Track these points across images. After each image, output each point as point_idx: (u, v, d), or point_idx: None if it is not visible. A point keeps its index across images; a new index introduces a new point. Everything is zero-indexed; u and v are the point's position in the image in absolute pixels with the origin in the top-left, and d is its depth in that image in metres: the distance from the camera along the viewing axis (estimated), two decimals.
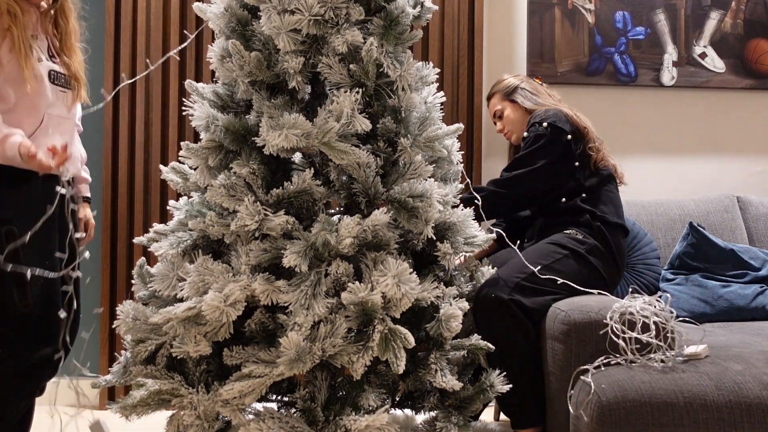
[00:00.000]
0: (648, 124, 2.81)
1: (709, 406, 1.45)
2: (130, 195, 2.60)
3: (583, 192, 2.06)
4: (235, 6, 1.69)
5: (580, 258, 1.94)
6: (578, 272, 1.90)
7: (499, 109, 2.32)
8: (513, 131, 2.29)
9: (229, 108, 1.72)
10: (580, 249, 1.95)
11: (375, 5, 1.67)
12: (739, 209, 2.58)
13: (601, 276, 1.96)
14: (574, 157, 2.06)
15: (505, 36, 2.76)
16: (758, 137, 2.86)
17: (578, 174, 2.07)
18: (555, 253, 1.93)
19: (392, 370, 1.47)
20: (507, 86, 2.30)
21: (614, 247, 2.01)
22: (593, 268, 1.95)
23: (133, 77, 2.60)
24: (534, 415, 1.82)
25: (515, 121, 2.27)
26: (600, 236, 2.00)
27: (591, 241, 1.98)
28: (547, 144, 2.04)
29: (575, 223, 2.02)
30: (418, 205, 1.57)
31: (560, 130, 2.04)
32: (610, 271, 2.00)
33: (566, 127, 2.05)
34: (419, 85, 1.76)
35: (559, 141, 2.04)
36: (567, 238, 1.98)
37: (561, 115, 2.09)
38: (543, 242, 2.00)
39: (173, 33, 2.60)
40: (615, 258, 2.01)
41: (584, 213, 2.02)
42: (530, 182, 2.03)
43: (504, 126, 2.31)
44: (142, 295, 1.74)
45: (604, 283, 1.95)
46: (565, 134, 2.04)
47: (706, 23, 2.80)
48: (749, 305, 2.26)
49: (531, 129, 2.09)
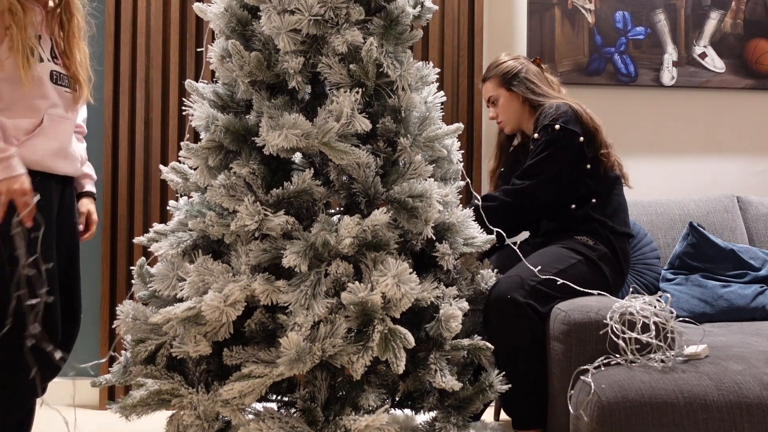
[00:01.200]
0: (648, 124, 2.81)
1: (709, 406, 1.45)
2: (130, 195, 2.60)
3: (593, 197, 2.00)
4: (235, 6, 1.69)
5: (591, 264, 1.93)
6: (588, 278, 1.89)
7: (494, 95, 2.19)
8: (507, 122, 2.18)
9: (229, 108, 1.72)
10: (592, 255, 1.93)
11: (375, 5, 1.67)
12: (739, 209, 2.58)
13: (608, 283, 1.96)
14: (586, 160, 1.99)
15: (505, 36, 2.76)
16: (758, 137, 2.86)
17: (589, 179, 2.00)
18: (569, 258, 1.91)
19: (392, 370, 1.47)
20: (505, 71, 2.15)
21: (621, 254, 2.00)
22: (603, 275, 1.95)
23: (133, 77, 2.60)
24: (536, 416, 1.82)
25: (511, 111, 2.16)
26: (608, 243, 1.99)
27: (602, 249, 1.96)
28: (560, 149, 1.96)
29: (585, 230, 1.99)
30: (417, 205, 1.57)
31: (573, 132, 1.96)
32: (616, 277, 2.00)
33: (578, 129, 1.97)
34: (419, 85, 1.76)
35: (571, 145, 1.96)
36: (579, 244, 1.96)
37: (571, 113, 1.99)
38: (556, 246, 1.97)
39: (173, 33, 2.60)
40: (621, 266, 2.01)
41: (593, 222, 1.99)
42: (543, 192, 1.97)
43: (498, 114, 2.19)
44: (142, 295, 1.74)
45: (609, 290, 1.94)
46: (577, 137, 1.96)
47: (706, 23, 2.80)
48: (749, 305, 2.26)
49: (542, 132, 1.99)
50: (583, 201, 2.01)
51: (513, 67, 2.16)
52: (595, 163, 2.01)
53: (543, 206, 2.02)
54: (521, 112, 2.16)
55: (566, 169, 1.98)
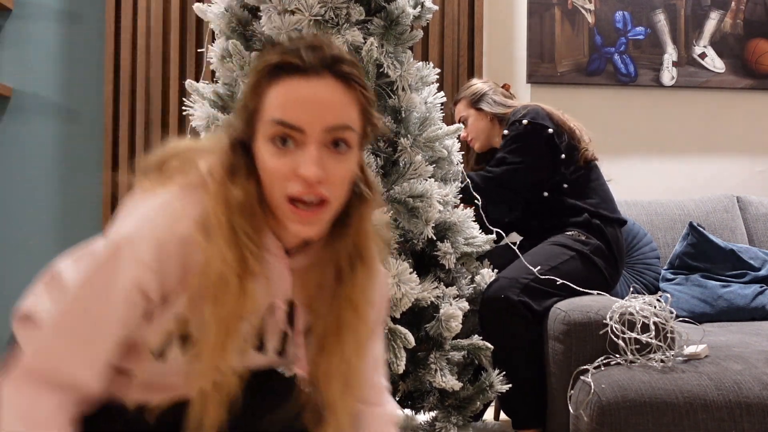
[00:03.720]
0: (648, 124, 2.81)
1: (709, 406, 1.45)
2: None
3: (566, 183, 2.04)
4: (236, 6, 1.69)
5: (585, 259, 1.93)
6: (583, 274, 1.90)
7: (464, 116, 2.27)
8: (476, 139, 2.25)
9: (229, 108, 1.72)
10: (585, 250, 1.94)
11: (375, 5, 1.67)
12: (739, 209, 2.58)
13: (604, 276, 1.96)
14: (559, 150, 2.02)
15: (505, 36, 2.76)
16: (758, 137, 2.86)
17: (563, 167, 2.04)
18: (562, 254, 1.92)
19: (392, 370, 1.47)
20: (473, 93, 2.25)
21: (614, 245, 2.01)
22: (597, 269, 1.95)
23: (133, 77, 2.60)
24: (535, 416, 1.82)
25: (479, 129, 2.23)
26: (600, 235, 1.99)
27: (594, 242, 1.97)
28: (528, 142, 2.01)
29: (574, 223, 2.01)
30: (418, 205, 1.58)
31: (541, 126, 2.01)
32: (611, 270, 2.00)
33: (547, 123, 2.02)
34: (419, 85, 1.76)
35: (540, 137, 2.01)
36: (571, 240, 1.97)
37: (540, 110, 2.06)
38: (547, 243, 1.98)
39: (173, 33, 2.60)
40: (615, 257, 2.01)
41: (581, 212, 2.01)
42: (511, 181, 2.01)
43: (468, 133, 2.26)
44: None
45: (606, 283, 1.95)
46: (545, 129, 2.01)
47: (706, 23, 2.80)
48: (749, 305, 2.26)
49: (511, 127, 2.06)
50: (555, 187, 2.05)
51: (481, 89, 2.26)
52: (570, 152, 2.04)
53: (516, 194, 2.07)
54: (490, 128, 2.23)
55: (537, 160, 2.02)
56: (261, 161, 0.86)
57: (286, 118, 0.84)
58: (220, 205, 0.85)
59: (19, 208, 2.62)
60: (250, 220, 0.86)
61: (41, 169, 2.62)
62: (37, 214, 2.62)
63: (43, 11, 2.62)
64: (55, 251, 2.84)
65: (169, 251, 0.84)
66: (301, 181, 0.83)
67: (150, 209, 0.87)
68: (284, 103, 0.84)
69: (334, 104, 0.85)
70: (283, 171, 0.84)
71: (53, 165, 2.62)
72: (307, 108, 0.84)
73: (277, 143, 0.84)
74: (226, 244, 0.84)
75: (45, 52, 2.62)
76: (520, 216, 2.18)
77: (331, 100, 0.85)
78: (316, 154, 0.83)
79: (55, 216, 2.62)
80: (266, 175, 0.86)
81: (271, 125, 0.84)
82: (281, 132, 0.84)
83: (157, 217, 0.85)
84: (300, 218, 0.85)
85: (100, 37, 2.62)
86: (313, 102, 0.84)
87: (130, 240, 0.84)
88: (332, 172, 0.85)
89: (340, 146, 0.85)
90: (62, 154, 2.63)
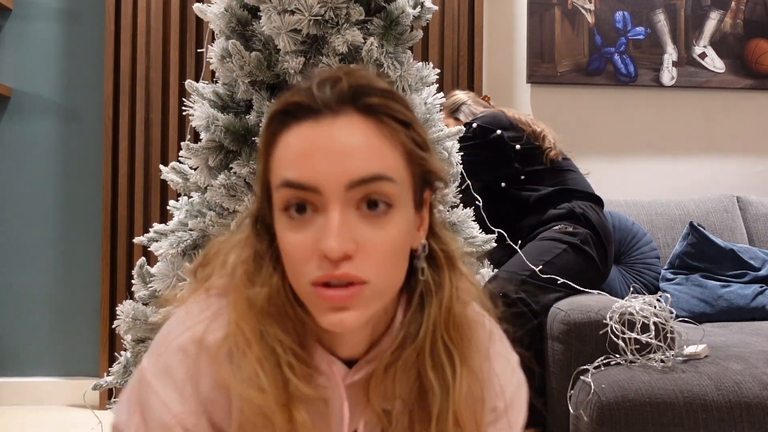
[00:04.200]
0: (648, 124, 2.81)
1: (709, 406, 1.45)
2: (130, 195, 2.60)
3: (522, 175, 2.11)
4: (235, 6, 1.69)
5: (577, 250, 1.96)
6: (578, 264, 1.93)
7: (445, 124, 2.32)
8: None
9: (229, 108, 1.72)
10: (574, 241, 1.98)
11: (375, 5, 1.67)
12: (738, 209, 2.58)
13: (596, 265, 2.00)
14: (510, 148, 2.10)
15: (505, 36, 2.76)
16: (758, 137, 2.86)
17: (518, 164, 2.11)
18: (554, 248, 1.95)
19: None
20: (453, 103, 2.34)
21: (600, 229, 2.04)
22: (590, 257, 1.98)
23: (133, 77, 2.60)
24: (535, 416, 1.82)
25: None
26: (586, 222, 2.03)
27: (582, 230, 2.01)
28: (474, 144, 2.07)
29: (558, 216, 2.05)
30: None
31: (487, 129, 2.10)
32: (602, 255, 2.03)
33: (496, 126, 2.10)
34: (419, 85, 1.76)
35: (486, 139, 2.09)
36: (560, 233, 2.00)
37: (497, 114, 2.15)
38: (538, 240, 2.02)
39: (173, 33, 2.60)
40: (603, 242, 2.04)
41: (560, 201, 2.06)
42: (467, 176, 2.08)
43: None
44: (142, 295, 1.74)
45: (599, 271, 2.00)
46: (491, 132, 2.09)
47: (706, 23, 2.80)
48: (749, 305, 2.26)
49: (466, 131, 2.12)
50: (512, 179, 2.12)
51: (459, 99, 2.36)
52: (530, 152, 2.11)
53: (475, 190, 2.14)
54: None
55: (487, 160, 2.10)
56: (279, 241, 0.66)
57: (295, 177, 0.63)
58: (243, 312, 0.67)
59: (19, 208, 2.62)
60: (283, 325, 0.67)
61: (41, 169, 2.62)
62: (37, 214, 2.62)
63: (43, 11, 2.62)
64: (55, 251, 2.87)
65: (187, 393, 0.68)
66: (322, 259, 0.62)
67: (162, 337, 0.73)
68: (293, 157, 0.63)
69: (358, 150, 0.63)
70: (302, 249, 0.63)
71: (53, 165, 2.63)
72: (321, 159, 0.62)
73: (291, 213, 0.64)
74: (259, 364, 0.65)
75: (45, 52, 2.63)
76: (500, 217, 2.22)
77: (354, 145, 0.63)
78: (338, 220, 0.62)
79: (55, 216, 2.62)
80: (286, 258, 0.65)
81: (280, 190, 0.64)
82: (293, 197, 0.63)
83: (168, 350, 0.70)
84: (331, 303, 0.63)
85: (100, 37, 2.62)
86: (327, 150, 0.62)
87: (147, 383, 0.70)
88: (366, 241, 0.63)
89: (377, 206, 0.63)
90: (62, 154, 2.63)
